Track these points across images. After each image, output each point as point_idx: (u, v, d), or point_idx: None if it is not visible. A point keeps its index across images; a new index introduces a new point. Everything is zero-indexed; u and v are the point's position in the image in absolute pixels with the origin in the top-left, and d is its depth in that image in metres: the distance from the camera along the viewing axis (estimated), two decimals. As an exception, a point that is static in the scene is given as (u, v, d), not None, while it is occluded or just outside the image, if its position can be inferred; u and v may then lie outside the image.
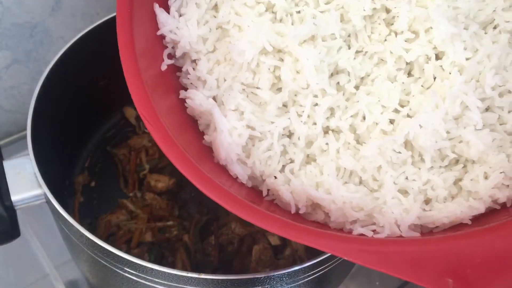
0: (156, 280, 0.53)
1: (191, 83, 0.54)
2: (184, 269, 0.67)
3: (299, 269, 0.53)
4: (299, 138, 0.50)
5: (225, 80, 0.52)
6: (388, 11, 0.52)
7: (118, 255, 0.52)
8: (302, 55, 0.49)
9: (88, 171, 0.77)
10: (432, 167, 0.49)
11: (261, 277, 0.52)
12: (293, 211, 0.49)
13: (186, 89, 0.54)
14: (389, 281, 0.77)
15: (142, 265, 0.52)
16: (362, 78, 0.51)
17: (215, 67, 0.52)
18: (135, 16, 0.51)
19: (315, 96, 0.50)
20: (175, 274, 0.51)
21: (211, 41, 0.53)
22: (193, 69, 0.54)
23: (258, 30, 0.50)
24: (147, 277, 0.53)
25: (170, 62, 0.54)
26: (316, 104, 0.50)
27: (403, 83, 0.50)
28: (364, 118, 0.50)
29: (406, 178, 0.49)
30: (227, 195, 0.46)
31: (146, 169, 0.76)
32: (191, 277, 0.51)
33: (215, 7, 0.54)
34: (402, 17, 0.50)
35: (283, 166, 0.51)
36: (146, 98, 0.48)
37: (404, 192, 0.49)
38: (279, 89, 0.51)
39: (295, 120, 0.50)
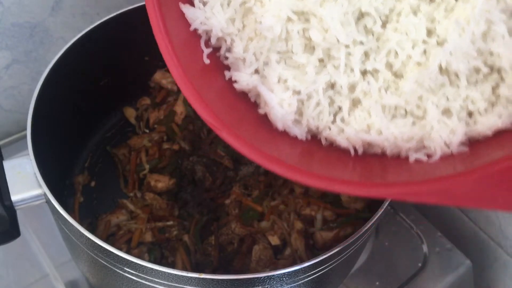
0: (156, 280, 0.53)
1: (232, 63, 0.56)
2: (184, 269, 0.67)
3: (299, 269, 0.53)
4: (341, 87, 0.53)
5: (261, 53, 0.54)
6: None
7: (118, 255, 0.52)
8: (326, 16, 0.50)
9: (88, 171, 0.77)
10: (468, 83, 0.51)
11: (261, 277, 0.52)
12: (352, 154, 0.52)
13: (228, 68, 0.56)
14: (389, 281, 0.77)
15: (142, 265, 0.52)
16: (386, 16, 0.53)
17: (249, 43, 0.54)
18: (166, 18, 0.52)
19: (347, 46, 0.52)
20: (175, 274, 0.51)
21: (239, 19, 0.55)
22: (229, 51, 0.56)
23: (279, 2, 0.51)
24: (147, 277, 0.53)
25: (208, 51, 0.55)
26: (350, 54, 0.52)
27: (426, 12, 0.51)
28: (397, 54, 0.52)
29: (447, 98, 0.51)
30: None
31: (146, 169, 0.76)
32: (191, 277, 0.51)
33: None
34: None
35: (334, 117, 0.54)
36: (205, 106, 0.50)
37: (447, 112, 0.51)
38: (313, 48, 0.53)
39: (334, 73, 0.52)
